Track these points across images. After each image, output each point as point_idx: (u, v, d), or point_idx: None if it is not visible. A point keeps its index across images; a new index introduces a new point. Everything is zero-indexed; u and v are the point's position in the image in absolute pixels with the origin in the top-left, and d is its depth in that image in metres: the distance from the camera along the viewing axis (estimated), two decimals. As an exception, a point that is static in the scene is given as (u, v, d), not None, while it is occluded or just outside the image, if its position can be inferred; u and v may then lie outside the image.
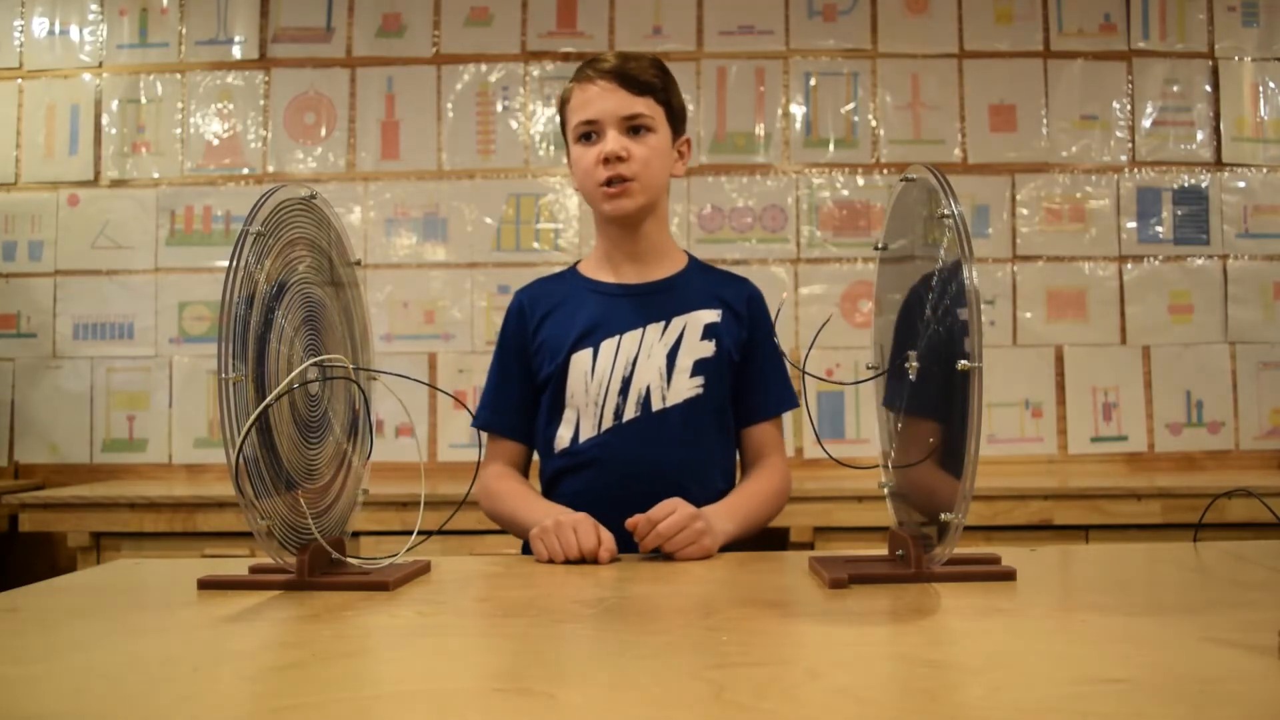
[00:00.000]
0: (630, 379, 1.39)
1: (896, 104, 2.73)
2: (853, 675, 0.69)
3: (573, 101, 1.41)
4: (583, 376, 1.40)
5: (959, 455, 0.90)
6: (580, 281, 1.48)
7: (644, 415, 1.38)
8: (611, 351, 1.40)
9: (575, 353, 1.41)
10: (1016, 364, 2.67)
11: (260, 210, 0.98)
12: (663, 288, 1.45)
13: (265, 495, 0.96)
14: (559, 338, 1.43)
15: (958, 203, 0.93)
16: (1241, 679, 0.66)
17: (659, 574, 1.10)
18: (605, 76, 1.38)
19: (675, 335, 1.41)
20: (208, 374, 2.68)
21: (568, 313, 1.45)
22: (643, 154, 1.38)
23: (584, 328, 1.42)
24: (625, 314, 1.42)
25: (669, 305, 1.43)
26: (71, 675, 0.71)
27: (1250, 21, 2.73)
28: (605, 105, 1.37)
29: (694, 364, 1.40)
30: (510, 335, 1.48)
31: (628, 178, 1.37)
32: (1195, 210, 2.71)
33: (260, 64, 2.75)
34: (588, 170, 1.39)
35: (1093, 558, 1.24)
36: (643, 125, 1.38)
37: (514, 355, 1.47)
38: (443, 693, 0.66)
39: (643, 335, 1.41)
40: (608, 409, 1.39)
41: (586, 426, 1.40)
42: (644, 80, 1.39)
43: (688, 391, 1.39)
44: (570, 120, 1.42)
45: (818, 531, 2.15)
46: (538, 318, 1.46)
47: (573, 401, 1.41)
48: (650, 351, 1.40)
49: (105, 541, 2.20)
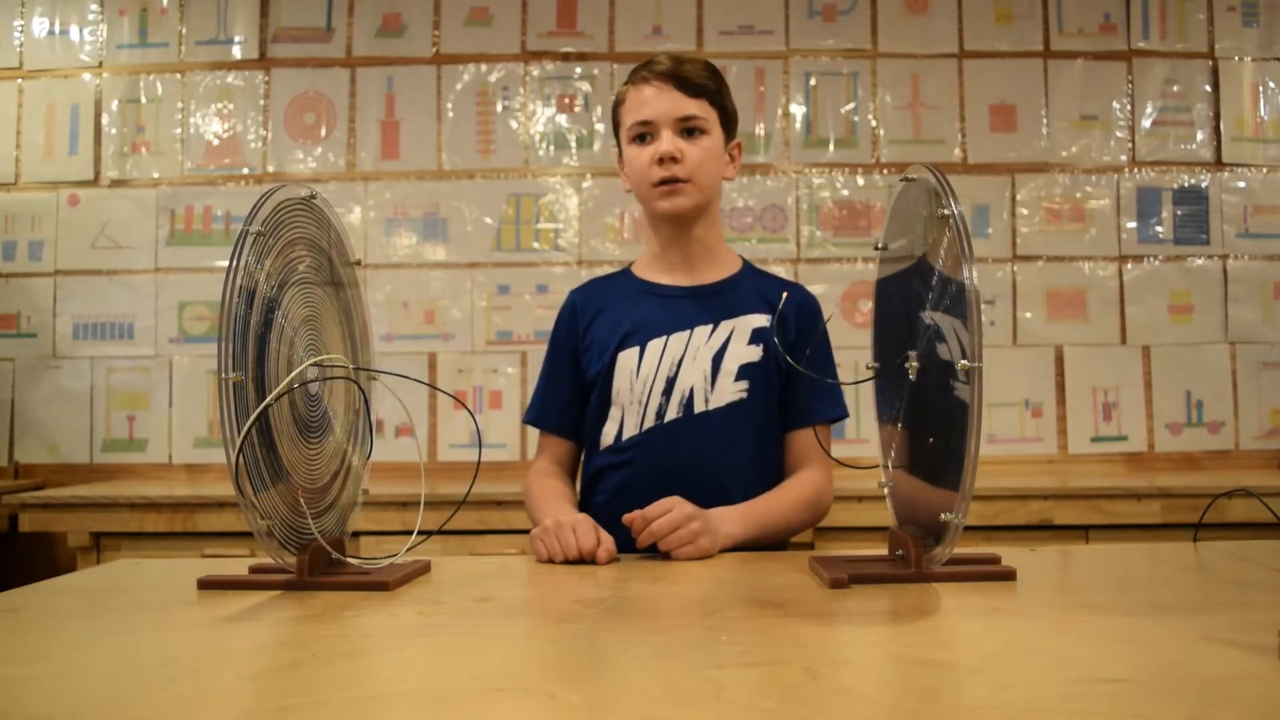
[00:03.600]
0: (674, 380, 1.39)
1: (896, 104, 2.73)
2: (853, 675, 0.69)
3: (627, 103, 1.41)
4: (628, 375, 1.41)
5: (959, 455, 0.90)
6: (632, 282, 1.49)
7: (685, 416, 1.38)
8: (658, 351, 1.41)
9: (622, 351, 1.42)
10: (1016, 364, 2.67)
11: (260, 210, 0.98)
12: (714, 290, 1.45)
13: (265, 495, 0.96)
14: (608, 336, 1.44)
15: (958, 203, 0.93)
16: (1241, 679, 0.66)
17: (659, 574, 1.10)
18: (660, 78, 1.38)
19: (723, 338, 1.41)
20: (208, 374, 2.68)
21: (618, 312, 1.46)
22: (696, 155, 1.38)
23: (632, 326, 1.43)
24: (674, 315, 1.43)
25: (719, 308, 1.43)
26: (71, 675, 0.71)
27: (1250, 21, 2.73)
28: (660, 106, 1.38)
29: (739, 368, 1.40)
30: (562, 334, 1.50)
31: (682, 178, 1.38)
32: (1195, 210, 2.71)
33: (260, 64, 2.75)
34: (642, 170, 1.39)
35: (1093, 558, 1.24)
36: (697, 127, 1.39)
37: (565, 354, 1.49)
38: (443, 693, 0.66)
39: (689, 337, 1.41)
40: (650, 408, 1.39)
41: (630, 424, 1.41)
42: (698, 82, 1.39)
43: (731, 395, 1.39)
44: (625, 121, 1.42)
45: (818, 531, 2.15)
46: (589, 317, 1.48)
47: (618, 399, 1.42)
48: (696, 354, 1.40)
49: (105, 541, 2.20)
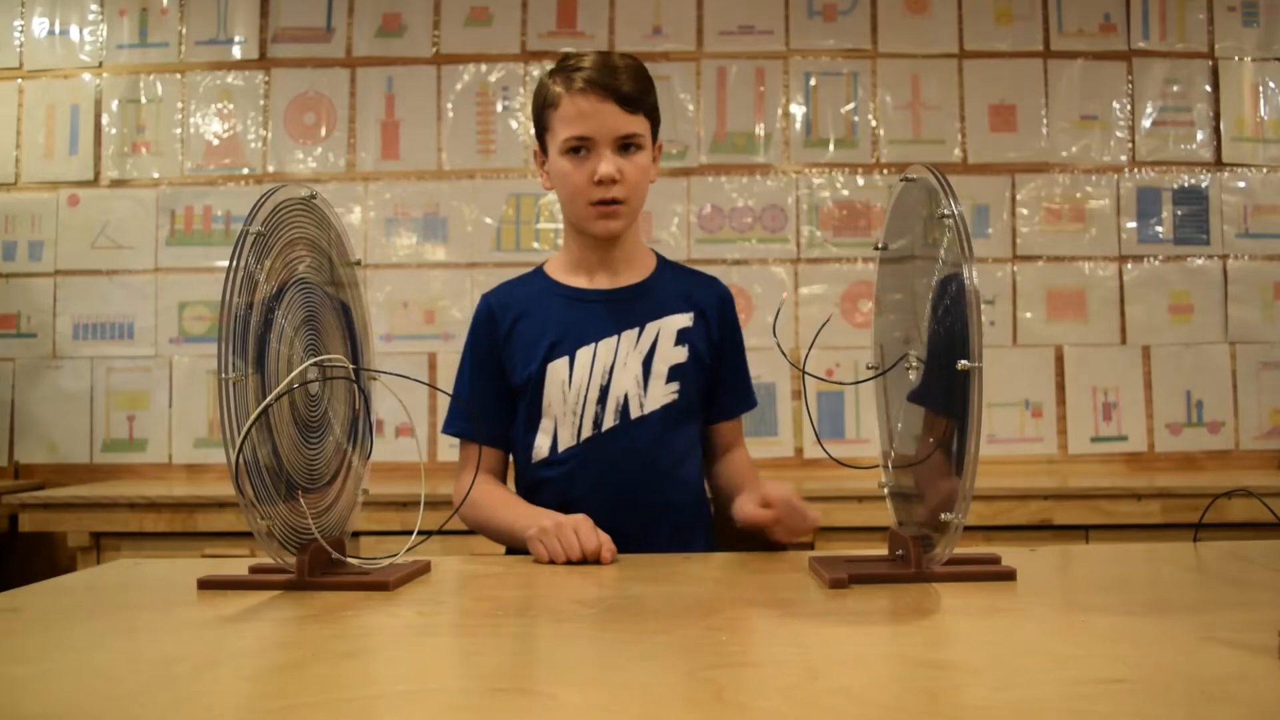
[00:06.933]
0: (608, 388, 1.38)
1: (896, 104, 2.72)
2: (853, 675, 0.69)
3: (562, 110, 1.35)
4: (560, 386, 1.39)
5: (959, 455, 0.90)
6: (550, 285, 1.46)
7: (623, 423, 1.38)
8: (588, 360, 1.39)
9: (551, 362, 1.39)
10: (1016, 364, 2.67)
11: (260, 210, 0.98)
12: (635, 293, 1.44)
13: (265, 495, 0.96)
14: (532, 344, 1.41)
15: (958, 203, 0.93)
16: (1241, 679, 0.66)
17: (659, 574, 1.10)
18: (598, 91, 1.33)
19: (649, 342, 1.41)
20: (208, 374, 2.68)
21: (539, 318, 1.43)
22: (634, 175, 1.37)
23: (557, 335, 1.40)
24: (599, 321, 1.41)
25: (642, 311, 1.42)
26: (71, 675, 0.71)
27: (1250, 21, 2.73)
28: (599, 123, 1.34)
29: (669, 370, 1.40)
30: (480, 340, 1.46)
31: (620, 199, 1.36)
32: (1195, 210, 2.71)
33: (260, 64, 2.75)
34: (578, 187, 1.36)
35: (1093, 558, 1.24)
36: (634, 144, 1.37)
37: (486, 360, 1.45)
38: (443, 693, 0.66)
39: (618, 343, 1.40)
40: (587, 418, 1.38)
41: (565, 436, 1.39)
42: (637, 97, 1.35)
43: (664, 397, 1.39)
44: (557, 130, 1.36)
45: (818, 531, 2.15)
46: (508, 322, 1.44)
47: (550, 411, 1.40)
48: (626, 359, 1.39)
49: (105, 541, 2.20)
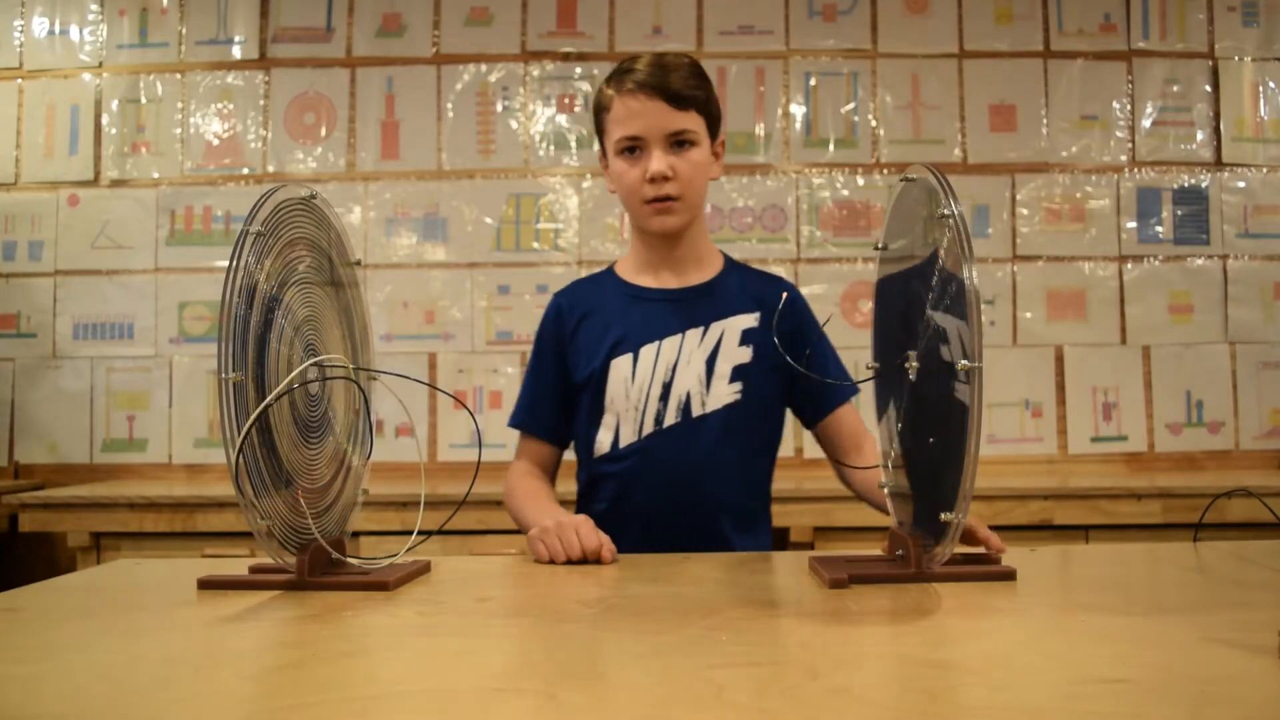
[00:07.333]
0: (671, 385, 1.39)
1: (896, 104, 2.72)
2: (853, 675, 0.69)
3: (614, 112, 1.38)
4: (623, 382, 1.40)
5: (959, 455, 0.90)
6: (618, 285, 1.48)
7: (684, 421, 1.38)
8: (651, 357, 1.40)
9: (615, 358, 1.41)
10: (1016, 364, 2.67)
11: (260, 210, 0.98)
12: (701, 292, 1.45)
13: (265, 495, 0.96)
14: (597, 341, 1.43)
15: (958, 202, 0.93)
16: (1241, 679, 0.66)
17: (659, 574, 1.10)
18: (647, 90, 1.35)
19: (714, 341, 1.41)
20: (208, 374, 2.68)
21: (606, 317, 1.45)
22: (687, 171, 1.37)
23: (623, 333, 1.42)
24: (665, 319, 1.42)
25: (708, 310, 1.43)
26: (71, 675, 0.71)
27: (1250, 21, 2.73)
28: (649, 121, 1.35)
29: (732, 370, 1.40)
30: (547, 337, 1.49)
31: (674, 196, 1.37)
32: (1195, 210, 2.71)
33: (260, 64, 2.75)
34: (632, 187, 1.38)
35: (1093, 558, 1.24)
36: (687, 140, 1.37)
37: (550, 357, 1.48)
38: (443, 693, 0.66)
39: (682, 341, 1.41)
40: (648, 415, 1.39)
41: (627, 432, 1.40)
42: (686, 94, 1.36)
43: (727, 397, 1.39)
44: (611, 132, 1.39)
45: (818, 531, 2.15)
46: (575, 320, 1.47)
47: (612, 406, 1.41)
48: (690, 358, 1.40)
49: (105, 541, 2.20)
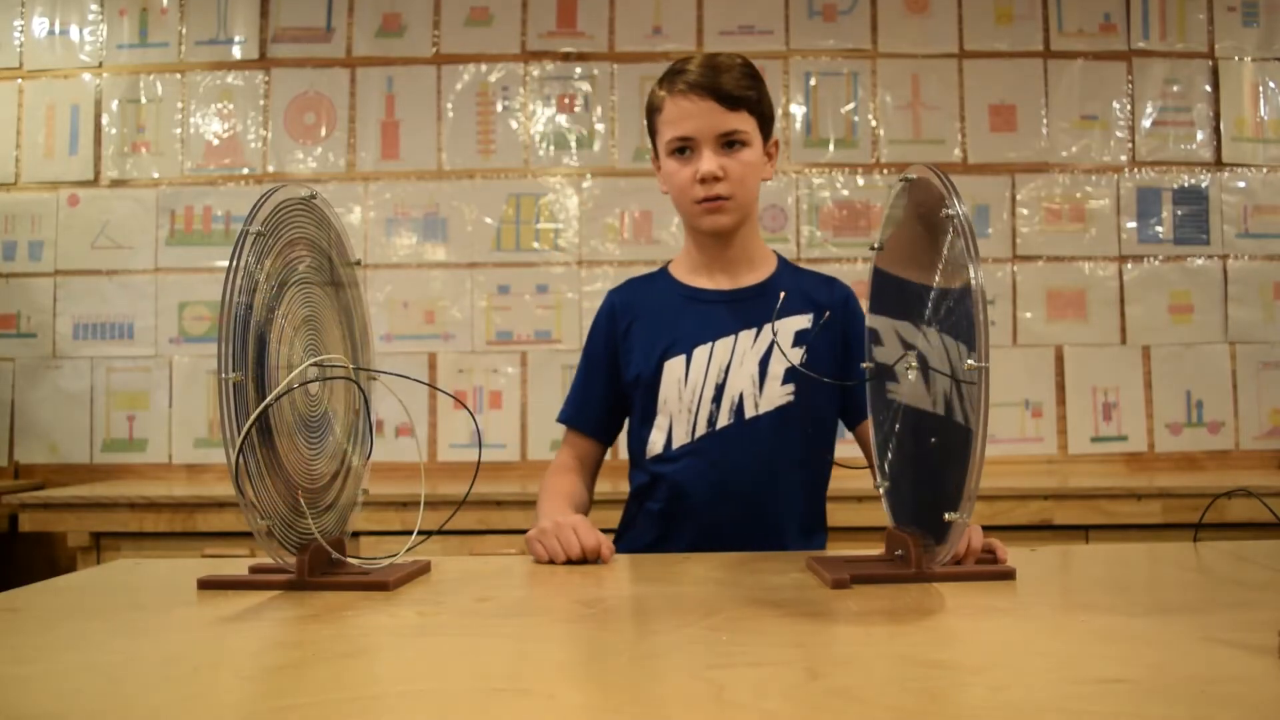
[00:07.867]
0: (724, 386, 1.39)
1: (896, 104, 2.72)
2: (853, 675, 0.69)
3: (665, 113, 1.38)
4: (676, 383, 1.40)
5: (961, 455, 0.90)
6: (672, 285, 1.48)
7: (737, 422, 1.38)
8: (705, 359, 1.40)
9: (668, 359, 1.41)
10: (1016, 364, 2.67)
11: (260, 210, 0.98)
12: (755, 293, 1.44)
13: (265, 495, 0.96)
14: (649, 342, 1.43)
15: (962, 202, 0.93)
16: (1241, 679, 0.66)
17: (659, 574, 1.10)
18: (698, 91, 1.34)
19: (767, 342, 1.40)
20: (208, 374, 2.68)
21: (660, 317, 1.45)
22: (738, 171, 1.36)
23: (675, 334, 1.42)
24: (718, 320, 1.42)
25: (761, 311, 1.42)
26: (71, 675, 0.71)
27: (1250, 21, 2.73)
28: (700, 122, 1.35)
29: (785, 371, 1.39)
30: (599, 335, 1.49)
31: (725, 196, 1.36)
32: (1195, 210, 2.71)
33: (260, 64, 2.75)
34: (683, 187, 1.38)
35: (1093, 558, 1.24)
36: (738, 140, 1.37)
37: (602, 355, 1.48)
38: (443, 693, 0.66)
39: (735, 342, 1.40)
40: (701, 416, 1.39)
41: (680, 432, 1.40)
42: (737, 94, 1.35)
43: (780, 399, 1.39)
44: (663, 133, 1.39)
45: (818, 531, 2.14)
46: (628, 320, 1.47)
47: (665, 408, 1.41)
48: (743, 359, 1.40)
49: (105, 541, 2.20)
